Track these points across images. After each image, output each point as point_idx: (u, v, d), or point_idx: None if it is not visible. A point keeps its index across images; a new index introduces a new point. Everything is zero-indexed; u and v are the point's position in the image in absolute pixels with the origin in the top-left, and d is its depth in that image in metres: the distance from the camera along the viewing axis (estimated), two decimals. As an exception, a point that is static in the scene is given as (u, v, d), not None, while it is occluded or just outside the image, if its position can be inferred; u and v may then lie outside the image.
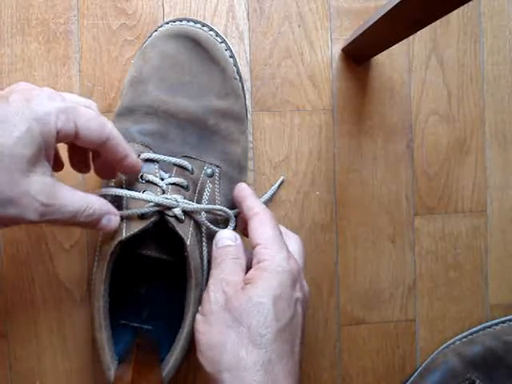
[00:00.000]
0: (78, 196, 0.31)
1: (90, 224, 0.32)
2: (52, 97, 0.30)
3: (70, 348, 0.42)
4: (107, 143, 0.32)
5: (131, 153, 0.34)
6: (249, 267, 0.34)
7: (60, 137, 0.30)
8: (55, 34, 0.42)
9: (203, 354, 0.31)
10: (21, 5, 0.42)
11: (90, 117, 0.31)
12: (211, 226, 0.37)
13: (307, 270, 0.44)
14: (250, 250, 0.35)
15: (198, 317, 0.33)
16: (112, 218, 0.33)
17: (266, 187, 0.44)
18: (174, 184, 0.36)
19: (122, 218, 0.34)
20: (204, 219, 0.36)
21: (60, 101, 0.30)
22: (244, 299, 0.30)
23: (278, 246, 0.33)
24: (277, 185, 0.44)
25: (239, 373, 0.29)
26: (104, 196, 0.34)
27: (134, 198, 0.34)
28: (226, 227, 0.38)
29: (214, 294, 0.32)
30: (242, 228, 0.38)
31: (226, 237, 0.35)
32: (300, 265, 0.35)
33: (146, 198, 0.34)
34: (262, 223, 0.34)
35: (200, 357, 0.31)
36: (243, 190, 0.37)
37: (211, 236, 0.37)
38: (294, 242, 0.37)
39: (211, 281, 0.33)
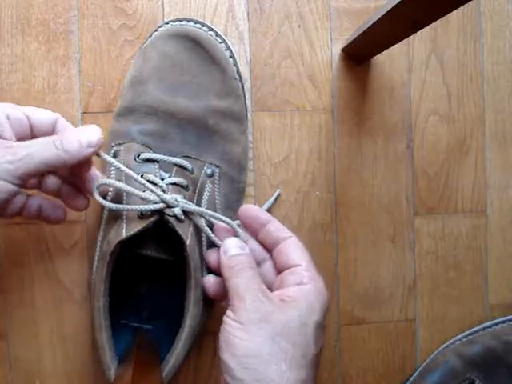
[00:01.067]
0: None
1: (74, 148, 0.32)
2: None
3: (70, 348, 0.42)
4: (58, 124, 0.35)
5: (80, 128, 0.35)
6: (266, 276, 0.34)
7: (12, 120, 0.32)
8: (55, 34, 0.42)
9: (241, 359, 0.29)
10: (21, 5, 0.42)
11: (35, 108, 0.34)
12: (210, 234, 0.36)
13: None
14: (264, 254, 0.35)
15: (232, 323, 0.31)
16: (87, 128, 0.34)
17: (266, 187, 0.44)
18: (174, 184, 0.36)
19: (122, 213, 0.34)
20: (204, 224, 0.36)
21: (7, 104, 0.33)
22: (290, 316, 0.30)
23: (316, 271, 0.33)
24: (273, 198, 0.43)
25: None
26: (105, 189, 0.35)
27: (134, 194, 0.34)
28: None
29: (252, 303, 0.30)
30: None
31: (236, 245, 0.34)
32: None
33: (146, 197, 0.34)
34: (299, 247, 0.34)
35: (231, 360, 0.29)
36: (262, 213, 0.36)
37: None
38: None
39: (243, 288, 0.31)
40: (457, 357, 0.43)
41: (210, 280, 0.36)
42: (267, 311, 0.30)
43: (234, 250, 0.34)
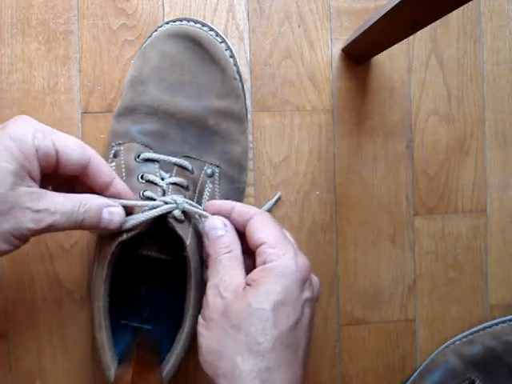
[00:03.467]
0: (69, 197, 0.31)
1: (93, 222, 0.31)
2: (28, 120, 0.31)
3: (70, 348, 0.42)
4: (90, 166, 0.32)
5: (118, 179, 0.33)
6: (247, 264, 0.33)
7: (40, 155, 0.30)
8: (55, 34, 0.42)
9: (203, 357, 0.30)
10: (21, 5, 0.42)
11: (68, 137, 0.31)
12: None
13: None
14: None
15: (200, 320, 0.32)
16: (112, 209, 0.32)
17: (266, 187, 0.44)
18: (174, 184, 0.36)
19: (126, 210, 0.34)
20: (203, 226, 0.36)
21: (36, 123, 0.31)
22: (244, 305, 0.30)
23: (284, 245, 0.32)
24: (273, 200, 0.43)
25: (234, 380, 0.28)
26: None
27: (136, 206, 0.34)
28: None
29: (213, 300, 0.31)
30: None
31: (216, 226, 0.34)
32: (307, 261, 0.33)
33: (147, 204, 0.34)
34: (263, 223, 0.33)
35: (200, 359, 0.31)
36: (223, 203, 0.36)
37: None
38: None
39: (209, 284, 0.32)
40: (457, 357, 0.43)
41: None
42: (225, 305, 0.30)
43: (212, 232, 0.34)
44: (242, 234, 0.34)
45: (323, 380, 0.45)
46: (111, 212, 0.32)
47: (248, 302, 0.30)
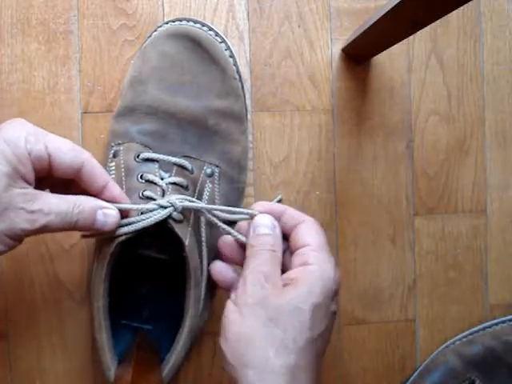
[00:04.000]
0: (64, 198, 0.31)
1: (88, 223, 0.32)
2: (23, 123, 0.31)
3: (70, 348, 0.42)
4: (84, 170, 0.32)
5: (112, 183, 0.33)
6: (286, 264, 0.33)
7: (33, 159, 0.30)
8: (55, 34, 0.42)
9: (229, 343, 0.30)
10: (21, 5, 0.42)
11: (61, 141, 0.31)
12: (225, 227, 0.35)
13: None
14: (286, 243, 0.34)
15: (231, 305, 0.31)
16: (107, 211, 0.32)
17: (266, 187, 0.44)
18: (173, 184, 0.36)
19: (122, 213, 0.34)
20: (218, 221, 0.36)
21: (31, 126, 0.31)
22: (284, 301, 0.30)
23: (327, 253, 0.32)
24: (274, 201, 0.43)
25: (264, 373, 0.28)
26: None
27: (133, 210, 0.34)
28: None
29: (252, 287, 0.30)
30: None
31: (265, 224, 0.33)
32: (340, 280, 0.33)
33: (145, 208, 0.34)
34: (312, 228, 0.33)
35: (224, 344, 0.30)
36: (274, 205, 0.35)
37: (212, 234, 0.37)
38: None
39: (248, 271, 0.31)
40: (457, 357, 0.43)
41: (217, 265, 0.35)
42: (264, 296, 0.30)
43: (260, 229, 0.33)
44: (286, 237, 0.34)
45: (323, 380, 0.45)
46: (106, 214, 0.32)
47: (289, 298, 0.30)
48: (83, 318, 0.42)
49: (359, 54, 0.44)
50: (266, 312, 0.29)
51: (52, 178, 0.32)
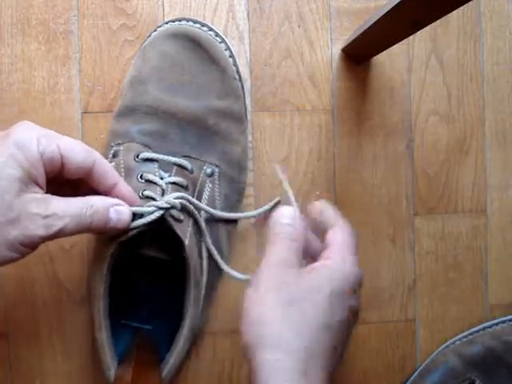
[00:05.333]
0: (75, 200, 0.31)
1: (102, 223, 0.31)
2: (31, 126, 0.30)
3: (70, 348, 0.42)
4: (95, 169, 0.32)
5: (123, 182, 0.33)
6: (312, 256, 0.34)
7: (45, 160, 0.29)
8: (55, 34, 0.42)
9: (250, 327, 0.30)
10: (21, 5, 0.42)
11: (72, 141, 0.31)
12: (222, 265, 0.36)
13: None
14: (313, 236, 0.35)
15: (250, 290, 0.31)
16: (120, 208, 0.32)
17: (266, 187, 0.44)
18: (173, 183, 0.36)
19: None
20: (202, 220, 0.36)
21: (40, 128, 0.30)
22: (306, 285, 0.30)
23: (354, 251, 0.33)
24: (272, 203, 0.42)
25: (282, 354, 0.28)
26: None
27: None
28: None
29: (273, 270, 0.31)
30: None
31: (287, 215, 0.34)
32: (362, 276, 0.34)
33: (144, 210, 0.34)
34: (345, 231, 0.34)
35: (245, 329, 0.30)
36: (317, 204, 0.37)
37: (212, 234, 0.37)
38: None
39: (269, 256, 0.32)
40: (457, 357, 0.43)
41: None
42: (284, 281, 0.30)
43: (286, 219, 0.33)
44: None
45: (323, 380, 0.45)
46: (118, 211, 0.32)
47: (309, 283, 0.30)
48: (83, 317, 0.42)
49: (359, 54, 0.44)
50: (287, 295, 0.30)
51: (60, 180, 0.32)
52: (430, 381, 0.43)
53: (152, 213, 0.34)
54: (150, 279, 0.41)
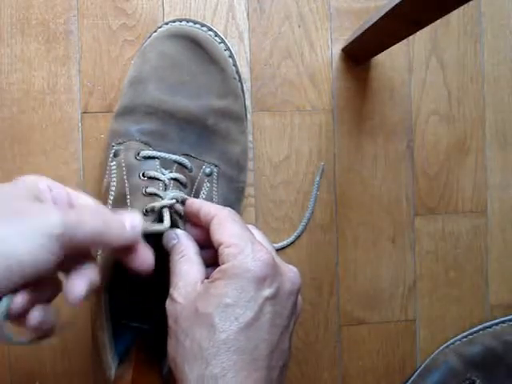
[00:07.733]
0: None
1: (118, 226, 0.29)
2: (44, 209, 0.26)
3: (70, 348, 0.42)
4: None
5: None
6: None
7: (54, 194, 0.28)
8: (55, 34, 0.42)
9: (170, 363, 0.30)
10: (21, 5, 0.42)
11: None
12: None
13: (307, 271, 0.44)
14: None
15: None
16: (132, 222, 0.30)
17: (266, 187, 0.44)
18: (175, 179, 0.36)
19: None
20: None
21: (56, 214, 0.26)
22: (192, 311, 0.29)
23: (240, 243, 0.30)
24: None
25: (200, 359, 0.27)
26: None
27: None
28: None
29: (168, 307, 0.31)
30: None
31: (169, 238, 0.33)
32: (272, 252, 0.30)
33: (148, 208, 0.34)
34: (219, 223, 0.31)
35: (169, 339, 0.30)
36: (193, 203, 0.34)
37: None
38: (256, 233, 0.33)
39: (169, 291, 0.32)
40: (457, 357, 0.43)
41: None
42: (177, 311, 0.30)
43: (167, 245, 0.33)
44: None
45: (323, 380, 0.45)
46: (129, 217, 0.30)
47: (195, 308, 0.29)
48: (83, 317, 0.42)
49: (359, 54, 0.44)
50: (179, 327, 0.29)
51: None
52: (431, 381, 0.43)
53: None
54: (151, 279, 0.41)
